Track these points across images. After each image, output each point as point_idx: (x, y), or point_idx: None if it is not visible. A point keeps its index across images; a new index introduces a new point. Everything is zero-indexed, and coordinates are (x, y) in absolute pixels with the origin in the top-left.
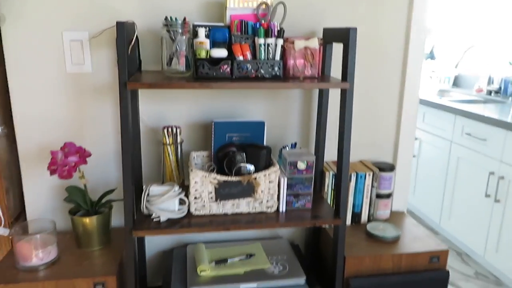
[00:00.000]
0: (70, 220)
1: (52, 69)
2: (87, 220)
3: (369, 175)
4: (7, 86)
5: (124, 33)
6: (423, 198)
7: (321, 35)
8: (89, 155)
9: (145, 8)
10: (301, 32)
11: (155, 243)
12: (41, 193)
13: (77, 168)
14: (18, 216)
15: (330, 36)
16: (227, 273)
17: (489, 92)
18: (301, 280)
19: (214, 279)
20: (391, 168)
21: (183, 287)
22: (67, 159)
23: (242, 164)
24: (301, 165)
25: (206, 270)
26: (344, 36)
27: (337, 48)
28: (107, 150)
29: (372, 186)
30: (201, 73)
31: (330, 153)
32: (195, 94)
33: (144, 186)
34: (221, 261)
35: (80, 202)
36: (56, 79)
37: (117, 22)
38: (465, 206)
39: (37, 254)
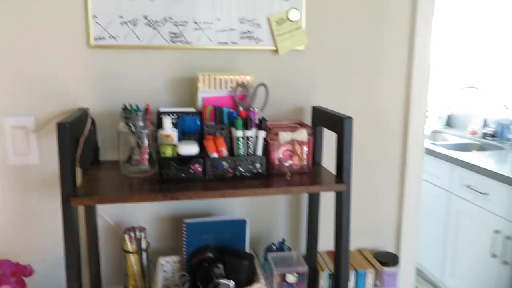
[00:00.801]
0: None
1: None
2: None
3: (371, 272)
4: None
5: (67, 136)
6: (424, 250)
7: (309, 114)
8: (31, 273)
9: (103, 88)
10: (285, 112)
11: None
12: None
13: None
14: None
15: (320, 119)
16: None
17: (484, 135)
18: None
19: None
20: (394, 261)
21: None
22: None
23: (220, 281)
24: (291, 278)
25: None
26: (337, 125)
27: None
28: (60, 255)
29: (375, 285)
30: (167, 175)
31: (325, 243)
32: None
33: None
34: None
35: None
36: None
37: (58, 124)
38: (469, 264)
39: None
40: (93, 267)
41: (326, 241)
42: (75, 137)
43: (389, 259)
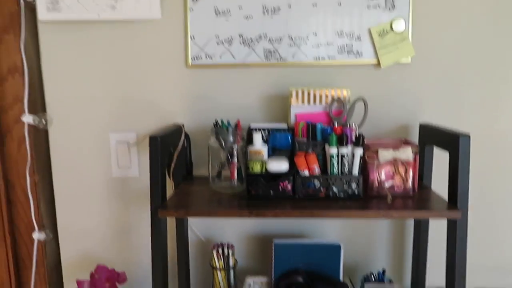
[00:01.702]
0: None
1: (98, 172)
2: None
3: None
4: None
5: (158, 149)
6: None
7: (416, 131)
8: (124, 280)
9: (198, 105)
10: (388, 130)
11: None
12: None
13: None
14: None
15: (430, 137)
16: None
17: None
18: None
19: None
20: None
21: None
22: None
23: None
24: None
25: None
26: (450, 143)
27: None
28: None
29: None
30: (255, 191)
31: (435, 277)
32: None
33: None
34: None
35: None
36: (100, 183)
37: (150, 138)
38: None
39: None
40: (182, 281)
41: (436, 276)
42: (168, 150)
43: None
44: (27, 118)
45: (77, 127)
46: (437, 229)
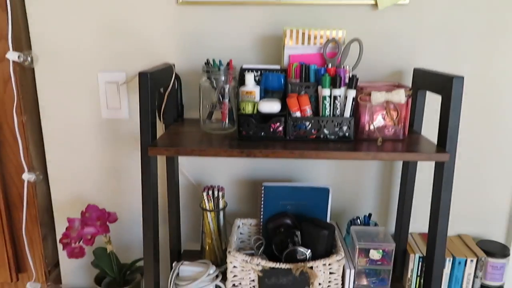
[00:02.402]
0: None
1: (87, 113)
2: None
3: (472, 261)
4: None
5: (148, 86)
6: None
7: (410, 77)
8: (115, 219)
9: (189, 45)
10: (382, 74)
11: None
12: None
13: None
14: (56, 264)
15: (423, 81)
16: None
17: None
18: None
19: None
20: (503, 253)
21: None
22: (83, 230)
23: (295, 247)
24: (375, 255)
25: None
26: (443, 86)
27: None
28: None
29: (475, 276)
30: (246, 132)
31: (418, 223)
32: None
33: (174, 263)
34: None
35: (106, 269)
36: (90, 125)
37: (139, 74)
38: None
39: None
40: (173, 223)
41: (420, 222)
42: (158, 90)
43: (496, 250)
44: (12, 55)
45: (64, 66)
46: (424, 179)
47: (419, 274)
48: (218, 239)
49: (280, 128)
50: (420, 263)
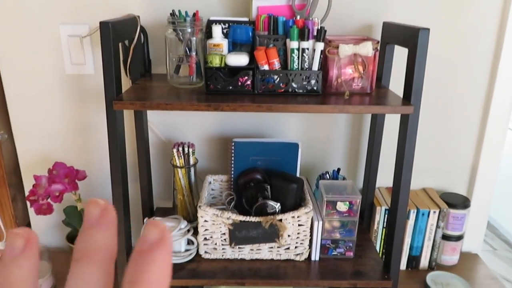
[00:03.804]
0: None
1: (50, 69)
2: None
3: (434, 213)
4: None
5: (110, 36)
6: (499, 204)
7: (379, 30)
8: (83, 177)
9: None
10: (351, 28)
11: None
12: None
13: (73, 191)
14: (27, 224)
15: (391, 35)
16: None
17: None
18: None
19: None
20: (464, 204)
21: None
22: (50, 187)
23: (265, 201)
24: (342, 207)
25: None
26: (409, 39)
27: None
28: None
29: (438, 226)
30: (214, 87)
31: (385, 178)
32: None
33: (146, 219)
34: None
35: (78, 227)
36: (54, 81)
37: (100, 23)
38: None
39: None
40: (144, 181)
41: (387, 177)
42: (123, 42)
43: (458, 202)
44: None
45: (23, 17)
46: (391, 135)
47: (384, 226)
48: (190, 195)
49: (248, 82)
50: (386, 215)
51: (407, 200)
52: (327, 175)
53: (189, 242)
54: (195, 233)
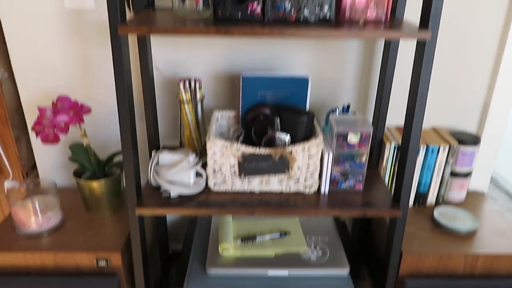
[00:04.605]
0: None
1: (48, 3)
2: (93, 183)
3: (444, 149)
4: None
5: None
6: (504, 158)
7: None
8: (88, 111)
9: None
10: None
11: None
12: (49, 147)
13: (79, 125)
14: (33, 166)
15: None
16: (254, 254)
17: None
18: (344, 272)
19: (237, 260)
20: (474, 141)
21: (201, 267)
22: (55, 118)
23: (275, 133)
24: (353, 139)
25: (229, 249)
26: None
27: None
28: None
29: (446, 162)
30: (222, 14)
31: (394, 117)
32: (219, 39)
33: (153, 152)
34: (248, 239)
35: (84, 163)
36: (53, 16)
37: None
38: None
39: (36, 220)
40: (150, 119)
41: (396, 117)
42: None
43: (468, 138)
44: None
45: None
46: (403, 72)
47: (393, 162)
48: (197, 131)
49: (258, 9)
50: (395, 152)
51: (421, 126)
52: (337, 110)
53: (198, 175)
54: (203, 167)
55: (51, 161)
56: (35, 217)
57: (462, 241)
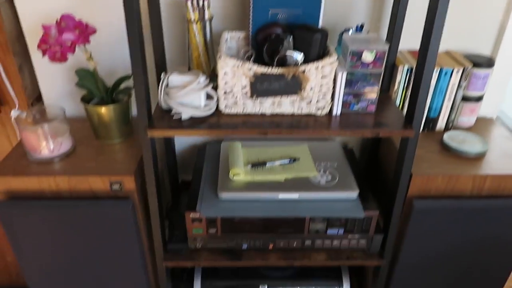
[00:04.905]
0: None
1: None
2: (101, 109)
3: (458, 71)
4: None
5: None
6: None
7: None
8: (93, 31)
9: None
10: None
11: (185, 137)
12: (54, 74)
13: (85, 47)
14: (38, 97)
15: None
16: (264, 179)
17: None
18: (353, 194)
19: (248, 185)
20: (488, 63)
21: (213, 192)
22: (61, 36)
23: (287, 52)
24: (368, 56)
25: (240, 174)
26: None
27: None
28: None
29: (459, 86)
30: None
31: (407, 40)
32: None
33: (162, 74)
34: (258, 164)
35: (92, 88)
36: None
37: None
38: None
39: (46, 145)
40: (157, 42)
41: (409, 41)
42: None
43: (482, 61)
44: None
45: None
46: None
47: (405, 86)
48: (206, 53)
49: None
50: (408, 75)
51: (438, 42)
52: (350, 31)
53: (209, 98)
54: (214, 90)
55: (56, 90)
56: (46, 143)
57: (471, 163)
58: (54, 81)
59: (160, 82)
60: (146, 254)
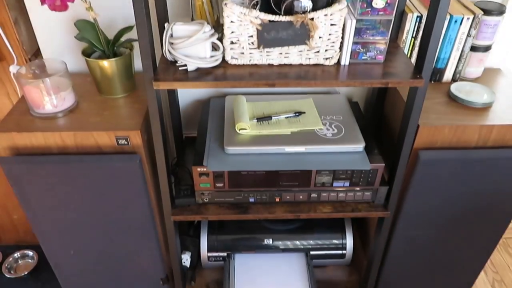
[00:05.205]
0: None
1: None
2: (103, 63)
3: (468, 19)
4: None
5: None
6: None
7: None
8: None
9: None
10: None
11: (189, 91)
12: (53, 27)
13: None
14: (36, 53)
15: None
16: (270, 132)
17: None
18: (359, 147)
19: (254, 139)
20: (500, 10)
21: (219, 147)
22: None
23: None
24: (379, 2)
25: (246, 128)
26: None
27: None
28: None
29: (468, 34)
30: None
31: None
32: None
33: (166, 24)
34: (264, 118)
35: (93, 40)
36: None
37: None
38: None
39: (50, 100)
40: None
41: None
42: None
43: (493, 8)
44: None
45: None
46: None
47: (414, 35)
48: (209, 3)
49: None
50: (417, 23)
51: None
52: None
53: (214, 49)
54: (219, 39)
55: (55, 44)
56: (49, 97)
57: (478, 113)
58: (53, 34)
59: (164, 32)
60: (154, 209)
